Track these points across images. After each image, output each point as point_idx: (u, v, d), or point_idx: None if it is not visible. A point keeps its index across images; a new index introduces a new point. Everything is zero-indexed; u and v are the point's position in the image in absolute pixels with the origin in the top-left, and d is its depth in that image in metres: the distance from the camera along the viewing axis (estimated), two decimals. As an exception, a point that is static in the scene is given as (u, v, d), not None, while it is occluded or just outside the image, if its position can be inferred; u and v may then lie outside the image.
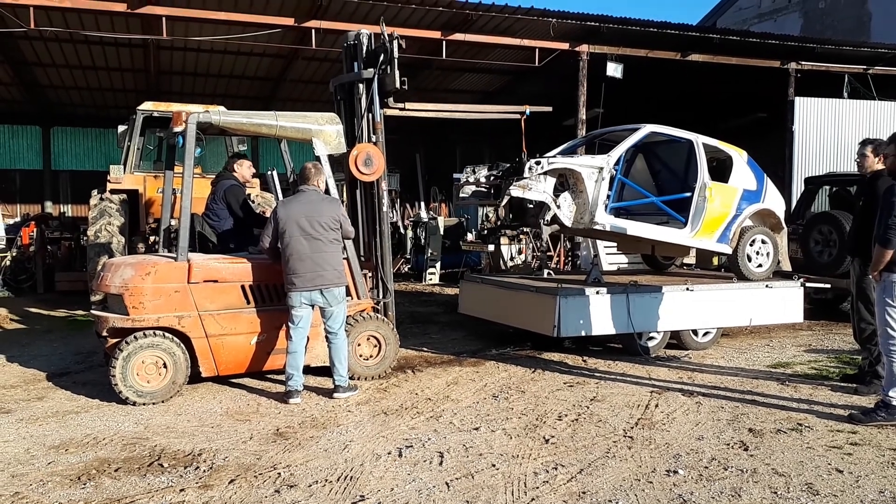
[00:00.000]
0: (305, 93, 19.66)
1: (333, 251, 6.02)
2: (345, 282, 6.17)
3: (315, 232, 5.88)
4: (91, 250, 9.94)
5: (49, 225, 15.39)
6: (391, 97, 7.11)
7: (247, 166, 7.25)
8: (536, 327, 7.65)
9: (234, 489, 4.13)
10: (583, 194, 7.47)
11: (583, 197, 7.48)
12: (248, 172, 7.27)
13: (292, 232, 5.88)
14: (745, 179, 8.37)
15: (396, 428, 5.27)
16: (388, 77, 6.83)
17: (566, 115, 14.34)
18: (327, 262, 5.95)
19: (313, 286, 5.91)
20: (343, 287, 6.12)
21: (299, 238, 5.87)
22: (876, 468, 4.43)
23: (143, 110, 10.51)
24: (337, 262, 6.06)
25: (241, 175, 7.13)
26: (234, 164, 7.17)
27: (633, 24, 13.18)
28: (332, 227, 5.97)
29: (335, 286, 6.00)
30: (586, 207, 7.47)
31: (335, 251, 6.05)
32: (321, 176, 6.19)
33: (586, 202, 7.47)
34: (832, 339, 8.96)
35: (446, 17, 12.46)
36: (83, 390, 6.38)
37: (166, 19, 11.50)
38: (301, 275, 5.89)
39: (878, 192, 5.63)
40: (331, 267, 5.97)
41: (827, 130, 14.90)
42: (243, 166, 7.20)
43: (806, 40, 15.16)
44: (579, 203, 7.51)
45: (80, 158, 23.32)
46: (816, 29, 21.67)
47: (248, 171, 7.29)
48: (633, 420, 5.46)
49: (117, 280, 5.97)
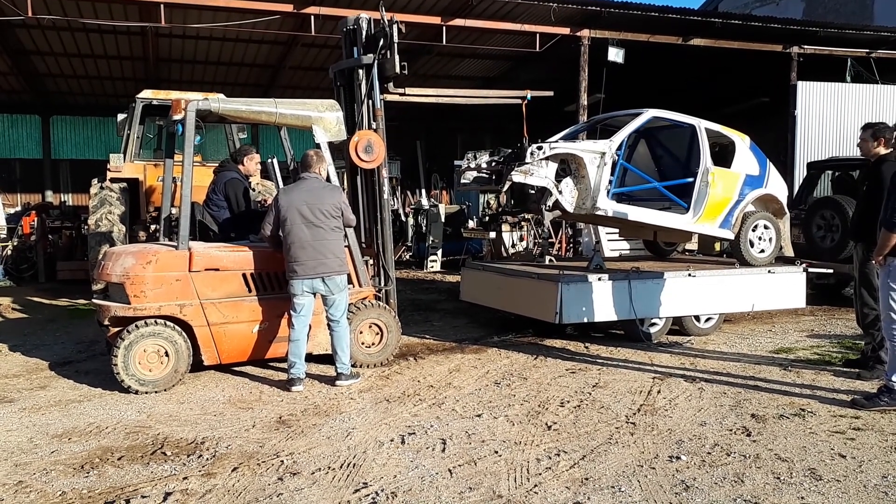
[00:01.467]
0: (305, 80, 19.59)
1: (335, 239, 6.00)
2: (346, 270, 6.15)
3: (316, 219, 5.87)
4: (92, 239, 9.93)
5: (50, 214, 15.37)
6: (391, 82, 7.07)
7: (255, 161, 7.22)
8: (538, 314, 7.64)
9: (237, 477, 4.13)
10: (584, 180, 7.44)
11: (585, 182, 7.44)
12: (254, 168, 7.25)
13: (294, 219, 5.86)
14: (748, 164, 8.32)
15: (399, 415, 5.27)
16: (387, 62, 6.79)
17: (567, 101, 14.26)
18: (329, 250, 5.93)
19: (315, 274, 5.90)
20: (344, 275, 6.10)
21: (300, 226, 5.86)
22: (879, 453, 4.43)
23: (143, 98, 10.46)
24: (338, 249, 6.04)
25: (246, 169, 7.09)
26: (245, 158, 7.12)
27: (634, 9, 13.10)
28: (334, 215, 5.95)
29: (336, 274, 5.99)
30: (588, 193, 7.44)
31: (337, 239, 6.03)
32: (322, 163, 6.16)
33: (588, 187, 7.44)
34: (834, 325, 8.95)
35: (446, 2, 12.40)
36: (85, 379, 6.39)
37: (164, 6, 11.45)
38: (302, 262, 5.87)
39: (883, 176, 5.60)
40: (332, 255, 5.96)
41: (829, 115, 14.81)
42: (252, 161, 7.15)
43: (808, 24, 15.05)
44: (581, 188, 7.48)
45: (80, 147, 23.31)
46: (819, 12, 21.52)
47: (256, 166, 7.27)
48: (635, 406, 5.46)
49: (118, 269, 5.96)
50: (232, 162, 7.18)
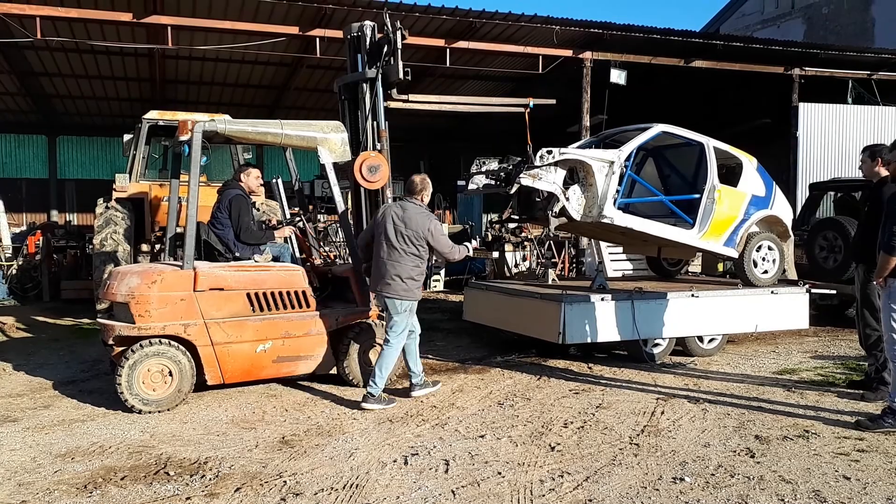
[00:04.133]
0: (310, 101, 19.75)
1: (406, 264, 6.05)
2: (410, 297, 6.11)
3: (396, 241, 6.04)
4: (97, 258, 9.96)
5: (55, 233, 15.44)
6: (395, 88, 7.12)
7: (254, 176, 7.25)
8: (541, 334, 7.64)
9: (239, 497, 4.13)
10: (592, 188, 7.48)
11: (592, 190, 7.49)
12: (254, 182, 7.27)
13: (379, 236, 6.15)
14: (755, 185, 8.36)
15: (402, 436, 5.26)
16: (391, 69, 6.83)
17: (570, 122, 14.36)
18: (396, 273, 6.04)
19: (379, 290, 6.15)
20: (406, 302, 6.10)
21: (382, 243, 6.11)
22: (883, 475, 4.41)
23: (149, 119, 10.54)
24: (406, 274, 6.05)
25: (247, 185, 7.13)
26: (242, 175, 7.18)
27: (636, 31, 13.21)
28: (415, 242, 6.05)
29: (396, 298, 6.06)
30: (595, 201, 7.47)
31: (408, 264, 6.06)
32: (426, 191, 6.30)
33: (595, 195, 7.48)
34: (838, 346, 8.93)
35: (450, 24, 12.52)
36: (89, 398, 6.39)
37: (171, 28, 11.59)
38: (374, 277, 6.23)
39: (883, 197, 5.62)
40: (398, 278, 6.04)
41: (831, 136, 14.89)
42: (250, 176, 7.19)
43: (810, 46, 15.16)
44: (588, 196, 7.51)
45: (86, 167, 23.44)
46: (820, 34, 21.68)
47: (255, 181, 7.29)
48: (639, 427, 5.45)
49: (123, 288, 5.99)
50: (234, 181, 7.23)
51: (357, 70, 7.07)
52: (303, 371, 6.59)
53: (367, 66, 6.98)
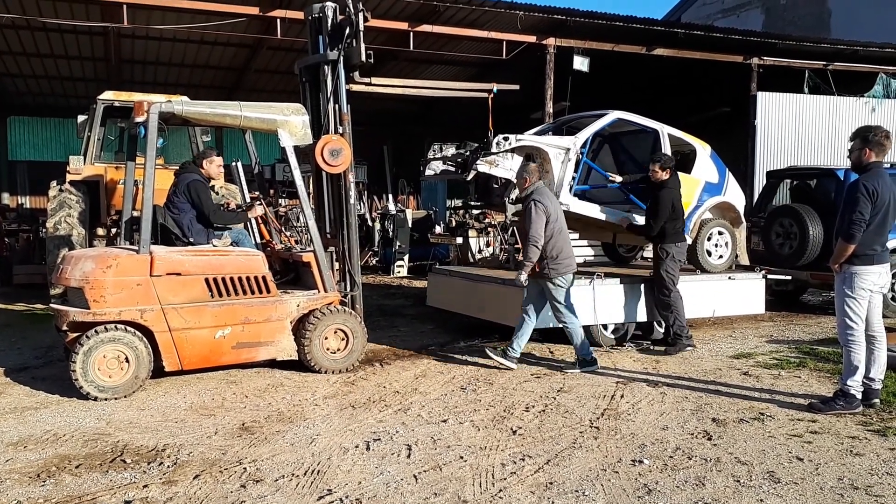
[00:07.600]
0: (271, 83, 19.42)
1: None
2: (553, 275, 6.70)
3: None
4: (50, 243, 9.70)
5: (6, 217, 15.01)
6: (357, 71, 7.03)
7: (216, 164, 7.11)
8: (504, 319, 7.67)
9: (198, 484, 4.07)
10: (548, 174, 7.55)
11: (548, 177, 7.55)
12: (215, 171, 7.14)
13: (562, 220, 6.74)
14: (708, 172, 8.49)
15: (364, 421, 5.24)
16: (353, 50, 6.73)
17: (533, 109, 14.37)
18: None
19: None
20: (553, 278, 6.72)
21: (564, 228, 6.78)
22: (835, 455, 4.53)
23: (104, 100, 10.27)
24: None
25: (207, 172, 6.99)
26: (204, 161, 7.03)
27: (599, 18, 13.27)
28: None
29: None
30: (551, 187, 7.52)
31: None
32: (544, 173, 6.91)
33: (552, 182, 7.55)
34: (793, 330, 9.14)
35: (414, 7, 12.40)
36: (42, 386, 6.23)
37: (127, 7, 11.28)
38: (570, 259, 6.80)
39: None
40: None
41: (788, 125, 15.18)
42: (213, 164, 7.05)
43: (768, 36, 15.39)
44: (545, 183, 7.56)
45: (39, 149, 22.79)
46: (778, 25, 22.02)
47: (217, 169, 7.16)
48: (599, 411, 5.51)
49: (77, 273, 5.84)
50: (193, 164, 7.08)
51: (318, 52, 6.95)
52: (263, 357, 6.53)
53: (328, 48, 6.87)
